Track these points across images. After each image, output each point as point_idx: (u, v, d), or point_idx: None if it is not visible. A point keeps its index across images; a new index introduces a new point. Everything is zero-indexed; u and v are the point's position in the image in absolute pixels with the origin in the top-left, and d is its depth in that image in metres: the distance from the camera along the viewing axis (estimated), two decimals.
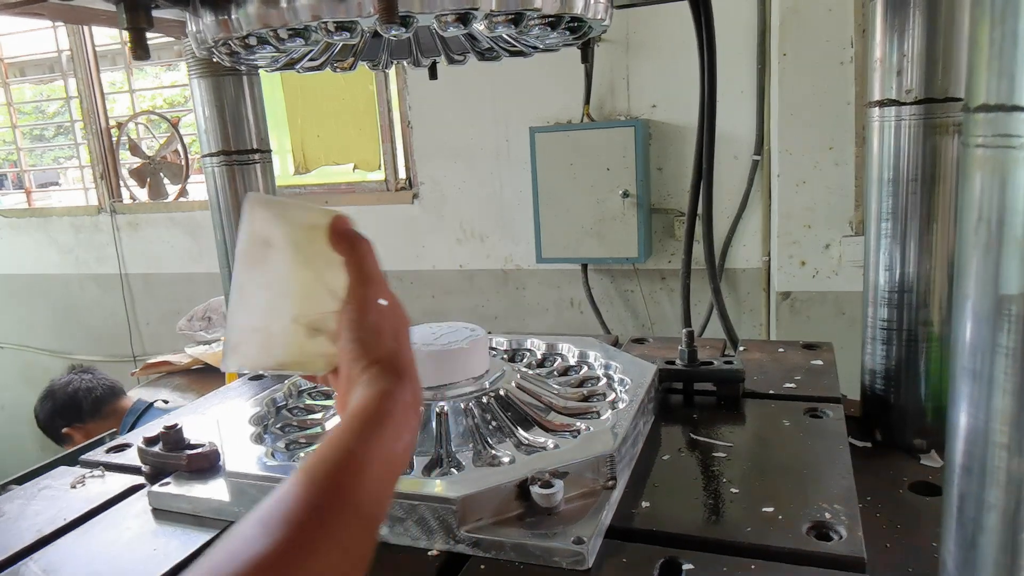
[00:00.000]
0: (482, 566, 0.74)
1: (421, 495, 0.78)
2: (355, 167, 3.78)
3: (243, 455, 0.91)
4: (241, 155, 1.51)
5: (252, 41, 0.84)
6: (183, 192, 4.13)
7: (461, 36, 0.97)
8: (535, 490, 0.79)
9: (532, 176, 3.15)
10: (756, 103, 2.90)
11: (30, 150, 5.05)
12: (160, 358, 2.99)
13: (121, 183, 4.28)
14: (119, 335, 4.35)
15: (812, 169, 2.53)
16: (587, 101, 3.14)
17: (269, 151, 1.57)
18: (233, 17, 0.81)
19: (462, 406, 0.98)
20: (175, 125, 4.08)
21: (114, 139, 4.21)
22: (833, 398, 1.13)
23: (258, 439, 0.99)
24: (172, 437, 0.95)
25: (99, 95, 4.21)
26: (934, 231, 1.06)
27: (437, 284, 3.64)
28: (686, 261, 1.70)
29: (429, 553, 0.78)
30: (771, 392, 1.18)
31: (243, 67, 1.03)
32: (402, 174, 3.67)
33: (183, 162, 4.12)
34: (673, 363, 1.19)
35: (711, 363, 1.18)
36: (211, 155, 1.50)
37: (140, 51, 0.77)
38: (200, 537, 0.84)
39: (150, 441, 0.96)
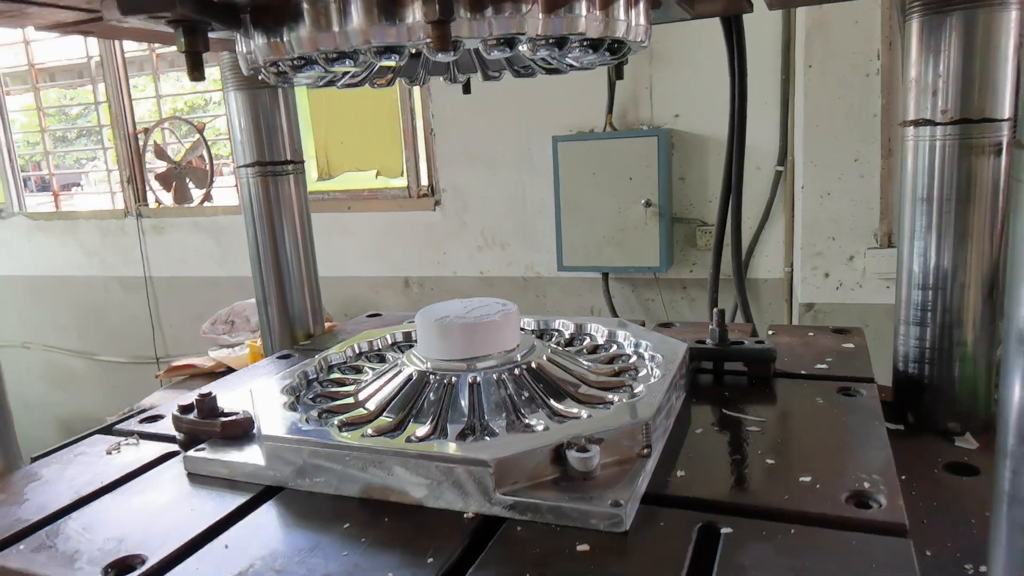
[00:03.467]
0: (519, 528, 0.74)
1: (457, 457, 0.78)
2: (378, 173, 3.82)
3: (277, 421, 0.91)
4: (275, 166, 1.54)
5: (301, 62, 0.87)
6: (208, 197, 4.18)
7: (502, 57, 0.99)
8: (571, 454, 0.78)
9: (554, 184, 3.16)
10: (780, 114, 2.90)
11: (57, 153, 5.13)
12: (184, 361, 3.03)
13: (147, 187, 4.34)
14: (143, 337, 4.40)
15: (837, 181, 2.53)
16: (610, 110, 3.15)
17: (302, 162, 1.60)
18: (285, 40, 0.83)
19: (494, 377, 0.98)
20: (201, 130, 4.14)
21: (140, 143, 4.28)
22: (866, 378, 1.11)
23: (291, 408, 0.99)
24: (206, 405, 0.95)
25: (127, 100, 4.28)
26: (968, 250, 1.06)
27: (458, 291, 3.66)
28: (714, 275, 1.71)
29: (464, 516, 0.77)
30: (802, 372, 1.16)
31: (285, 84, 1.05)
32: (424, 181, 3.69)
33: (208, 167, 4.17)
34: (703, 343, 1.17)
35: (741, 343, 1.16)
36: (246, 166, 1.53)
37: (197, 73, 0.79)
38: (235, 500, 0.85)
39: (184, 409, 0.96)
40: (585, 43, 0.87)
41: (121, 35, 1.10)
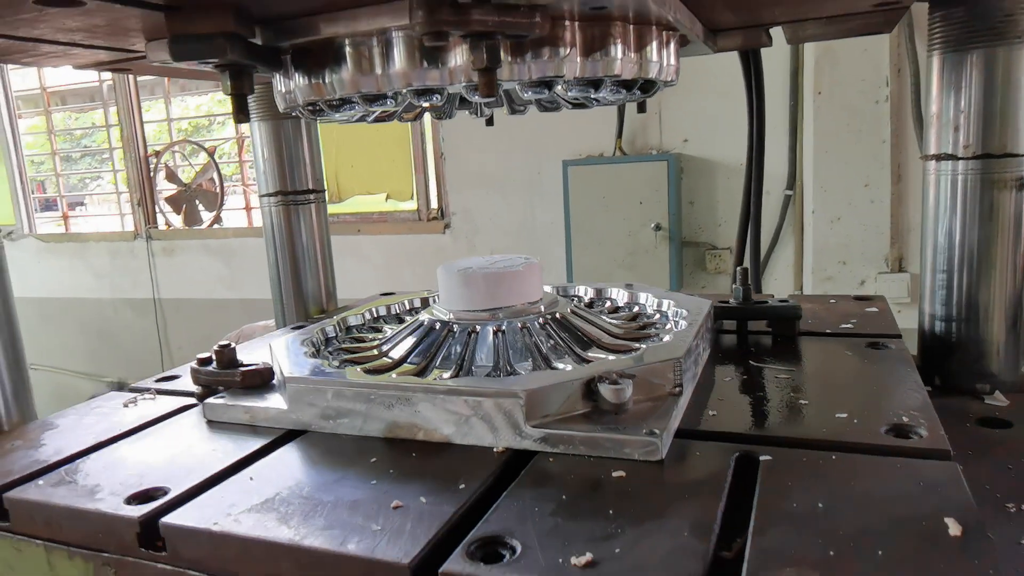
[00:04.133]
0: (550, 460, 0.72)
1: (486, 391, 0.76)
2: (388, 197, 3.85)
3: (300, 365, 0.90)
4: (297, 195, 1.56)
5: (340, 102, 0.88)
6: (217, 219, 4.20)
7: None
8: (603, 387, 0.76)
9: (564, 208, 3.18)
10: (788, 139, 2.92)
11: (64, 174, 5.16)
12: None
13: (157, 209, 4.37)
14: (151, 359, 4.41)
15: (847, 206, 2.55)
16: (619, 135, 3.18)
17: (324, 191, 1.62)
18: (326, 81, 0.84)
19: (519, 325, 0.96)
20: (212, 154, 4.17)
21: (151, 166, 4.31)
22: (894, 334, 1.09)
23: (312, 357, 0.98)
24: (226, 356, 0.93)
25: (139, 124, 4.32)
26: (991, 284, 1.07)
27: None
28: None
29: (494, 451, 0.75)
30: (827, 331, 1.13)
31: (318, 120, 1.07)
32: (434, 204, 3.72)
33: (218, 190, 4.20)
34: (726, 302, 1.15)
35: (765, 302, 1.14)
36: (269, 195, 1.55)
37: (242, 115, 0.81)
38: (257, 442, 0.82)
39: (203, 362, 0.94)
40: (618, 83, 0.89)
41: (158, 73, 1.12)
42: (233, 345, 0.95)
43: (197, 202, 4.19)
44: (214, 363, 0.94)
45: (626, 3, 0.77)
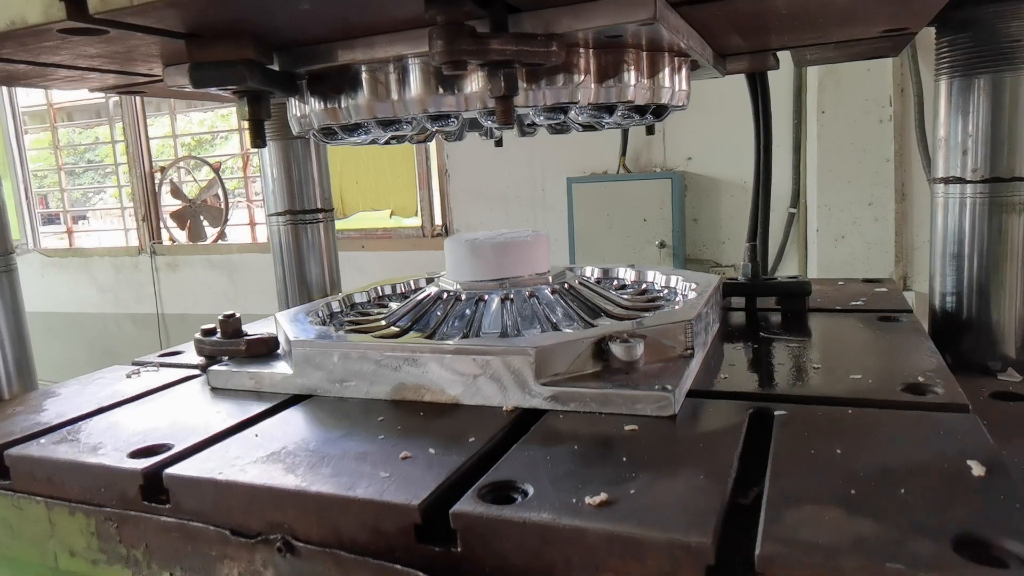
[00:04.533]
0: (561, 416, 0.70)
1: (495, 348, 0.75)
2: (392, 213, 3.86)
3: (306, 332, 0.89)
4: (306, 214, 1.56)
5: (355, 126, 0.89)
6: (222, 235, 4.22)
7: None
8: (614, 346, 0.75)
9: (568, 225, 3.19)
10: (792, 158, 2.94)
11: (68, 188, 5.18)
12: None
13: (161, 224, 4.38)
14: None
15: (851, 224, 2.56)
16: (623, 153, 3.20)
17: (332, 210, 1.63)
18: (343, 106, 0.85)
19: (527, 293, 0.95)
20: (217, 170, 4.19)
21: (156, 182, 4.33)
22: (904, 309, 1.07)
23: (319, 325, 0.97)
24: (230, 325, 0.92)
25: (144, 140, 4.34)
26: (1001, 305, 1.07)
27: None
28: None
29: (503, 410, 0.73)
30: (838, 308, 1.11)
31: (331, 143, 1.08)
32: (438, 220, 3.73)
33: (223, 206, 4.22)
34: (735, 279, 1.13)
35: (774, 278, 1.13)
36: (277, 214, 1.55)
37: (259, 140, 0.81)
38: (261, 406, 0.81)
39: (207, 332, 0.93)
40: (631, 108, 0.90)
41: (170, 95, 1.13)
42: (238, 315, 0.94)
43: (201, 217, 4.20)
44: (219, 334, 0.92)
45: (640, 31, 0.78)
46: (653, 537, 0.48)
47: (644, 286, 1.18)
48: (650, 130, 1.28)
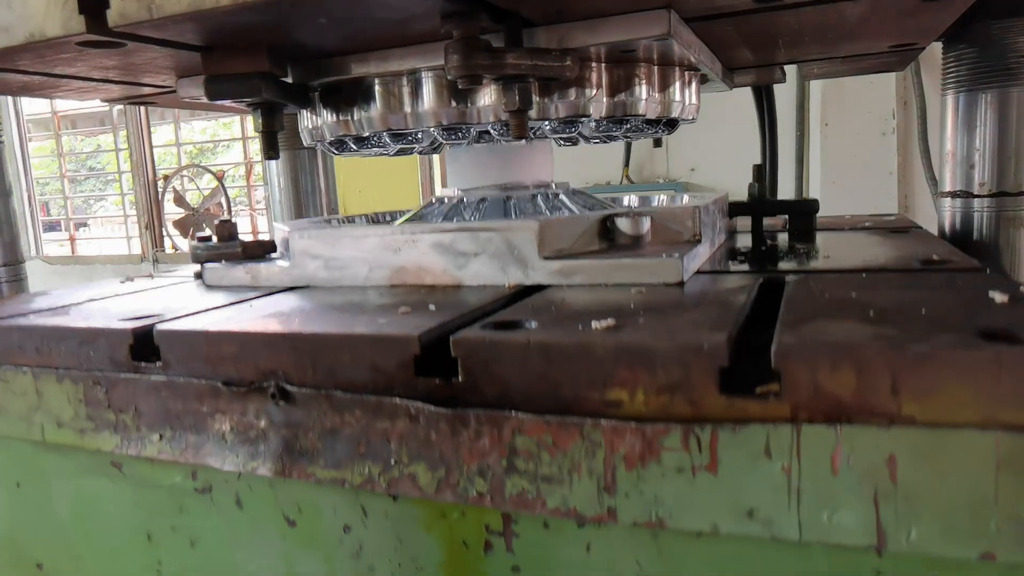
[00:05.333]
0: (563, 297, 0.66)
1: (497, 226, 0.72)
2: None
3: (303, 227, 0.87)
4: None
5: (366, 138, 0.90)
6: None
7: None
8: (620, 220, 0.74)
9: None
10: (795, 169, 2.94)
11: (71, 196, 5.20)
12: None
13: (164, 232, 4.39)
14: None
15: None
16: (627, 164, 3.20)
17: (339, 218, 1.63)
18: (355, 119, 0.86)
19: (529, 195, 0.94)
20: (220, 178, 4.20)
21: (160, 190, 4.34)
22: (914, 226, 1.06)
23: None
24: (226, 229, 0.90)
25: (148, 149, 4.35)
26: None
27: None
28: None
29: (506, 286, 0.71)
30: (847, 228, 1.10)
31: (341, 154, 1.09)
32: None
33: (226, 214, 4.22)
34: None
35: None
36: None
37: (272, 152, 0.82)
38: (257, 294, 0.79)
39: (203, 239, 0.92)
40: (642, 121, 0.90)
41: (182, 106, 1.14)
42: (234, 220, 0.93)
43: (204, 226, 4.21)
44: (215, 238, 0.91)
45: (653, 46, 0.79)
46: (664, 345, 0.46)
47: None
48: (657, 142, 1.29)
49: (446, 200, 0.96)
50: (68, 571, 0.73)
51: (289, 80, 0.84)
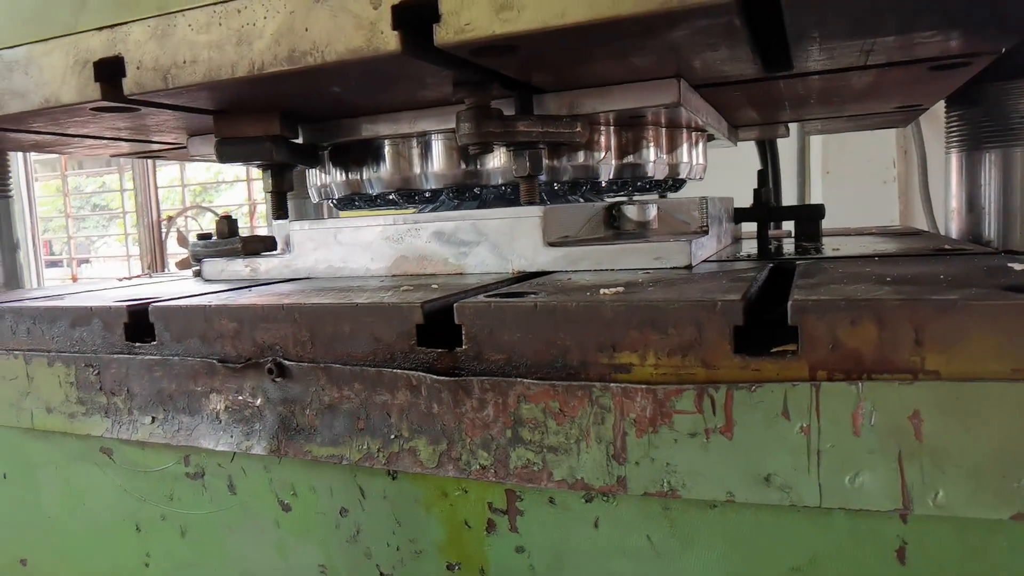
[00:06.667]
0: (570, 276, 0.65)
1: (501, 214, 0.70)
2: None
3: (305, 222, 0.84)
4: None
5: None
6: None
7: None
8: (627, 207, 0.72)
9: None
10: None
11: (77, 237, 5.21)
12: None
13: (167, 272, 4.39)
14: None
15: None
16: None
17: None
18: (364, 178, 0.86)
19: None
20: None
21: (164, 232, 4.35)
22: (921, 231, 1.06)
23: None
24: (227, 225, 0.89)
25: (153, 190, 4.38)
26: None
27: None
28: None
29: (510, 272, 0.70)
30: (853, 233, 1.10)
31: (348, 210, 1.09)
32: None
33: None
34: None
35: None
36: None
37: (281, 212, 0.82)
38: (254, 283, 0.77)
39: (203, 236, 0.91)
40: (650, 182, 0.91)
41: (191, 160, 1.15)
42: (234, 217, 0.93)
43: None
44: (214, 236, 0.90)
45: (661, 111, 0.79)
46: (675, 304, 0.44)
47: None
48: (663, 195, 1.30)
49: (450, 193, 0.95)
50: (52, 566, 0.70)
51: (299, 141, 0.84)
